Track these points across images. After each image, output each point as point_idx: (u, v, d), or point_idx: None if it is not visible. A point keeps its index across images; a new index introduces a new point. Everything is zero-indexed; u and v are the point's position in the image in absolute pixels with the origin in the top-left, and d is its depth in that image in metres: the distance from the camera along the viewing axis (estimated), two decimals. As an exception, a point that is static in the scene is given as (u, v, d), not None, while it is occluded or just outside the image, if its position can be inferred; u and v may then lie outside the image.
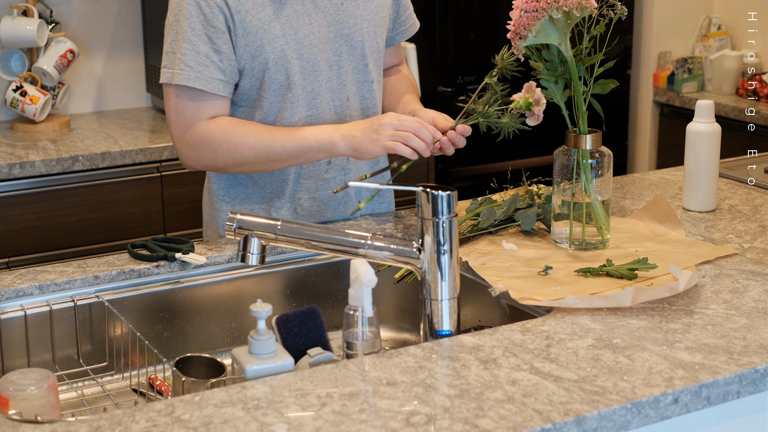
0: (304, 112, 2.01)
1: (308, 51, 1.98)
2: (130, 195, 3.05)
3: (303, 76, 1.99)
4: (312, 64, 1.99)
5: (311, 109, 2.01)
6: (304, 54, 1.98)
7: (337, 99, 2.04)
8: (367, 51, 2.06)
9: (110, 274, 1.83)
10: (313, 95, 2.01)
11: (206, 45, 1.92)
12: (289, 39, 1.95)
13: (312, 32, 1.98)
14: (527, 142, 3.84)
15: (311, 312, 1.59)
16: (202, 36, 1.92)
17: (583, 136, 1.84)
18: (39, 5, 3.31)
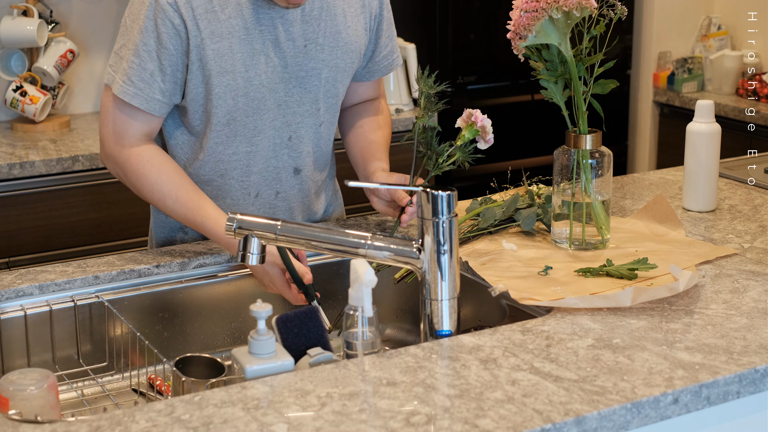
0: (243, 147, 1.97)
1: (256, 89, 1.93)
2: (130, 195, 3.00)
3: (246, 113, 1.94)
4: (257, 102, 1.94)
5: (251, 145, 1.97)
6: (250, 92, 1.92)
7: (279, 137, 1.99)
8: (321, 96, 2.01)
9: (110, 274, 1.83)
10: (255, 132, 1.97)
11: (153, 63, 1.87)
12: (238, 75, 1.90)
13: (265, 72, 1.92)
14: (527, 142, 3.85)
15: (311, 312, 1.59)
16: (152, 53, 1.87)
17: (583, 136, 1.84)
18: (39, 5, 3.31)
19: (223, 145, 1.96)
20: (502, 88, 3.85)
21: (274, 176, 2.02)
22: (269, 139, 1.98)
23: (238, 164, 1.98)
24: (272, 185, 2.02)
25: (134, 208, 3.05)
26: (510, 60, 1.98)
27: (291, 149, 2.01)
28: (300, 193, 2.07)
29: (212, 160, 1.97)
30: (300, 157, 2.03)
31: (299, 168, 2.04)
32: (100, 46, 3.52)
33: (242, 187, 2.00)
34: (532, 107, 3.87)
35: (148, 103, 1.89)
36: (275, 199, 2.04)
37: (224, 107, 1.92)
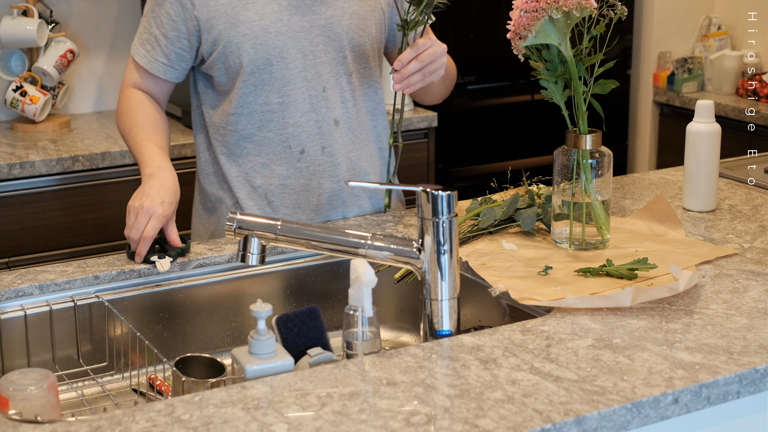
0: (275, 98, 2.04)
1: (274, 38, 2.00)
2: (130, 195, 3.01)
3: (268, 62, 2.01)
4: (279, 51, 2.01)
5: (282, 96, 2.04)
6: (269, 41, 2.00)
7: (312, 89, 2.05)
8: (346, 44, 2.07)
9: (110, 274, 1.83)
10: (284, 82, 2.03)
11: (157, 28, 2.04)
12: (253, 25, 1.99)
13: (280, 20, 2.00)
14: (527, 142, 3.85)
15: (311, 312, 1.59)
16: (157, 19, 2.03)
17: (583, 136, 1.84)
18: (39, 5, 3.31)
19: (253, 95, 2.04)
20: (502, 88, 3.85)
21: (316, 130, 2.07)
22: (302, 90, 2.05)
23: (273, 116, 2.05)
24: (316, 140, 2.08)
25: (134, 208, 3.05)
26: (510, 60, 1.98)
27: (327, 100, 2.07)
28: (345, 147, 2.11)
29: (246, 112, 2.05)
30: (337, 108, 2.09)
31: (338, 119, 2.09)
32: (100, 46, 3.52)
33: (282, 140, 2.06)
34: (532, 107, 3.87)
35: (152, 64, 2.07)
36: (321, 154, 2.08)
37: (246, 57, 2.00)
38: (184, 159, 3.09)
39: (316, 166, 2.08)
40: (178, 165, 3.08)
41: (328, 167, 2.09)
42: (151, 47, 2.05)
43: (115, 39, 3.54)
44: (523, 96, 3.86)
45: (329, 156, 2.09)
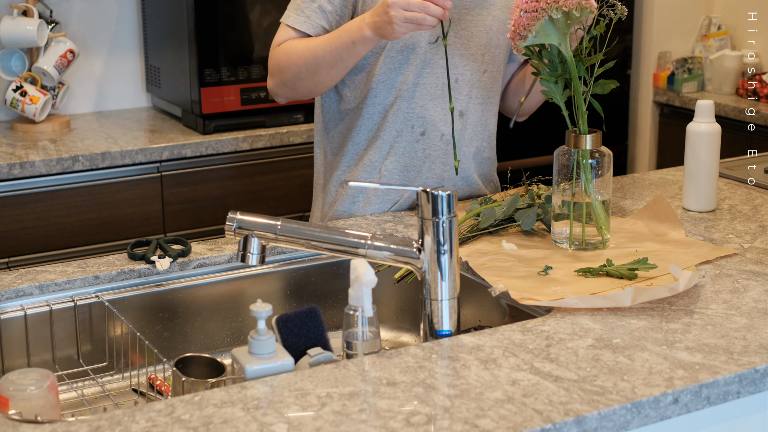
0: (411, 78, 2.11)
1: None
2: (130, 195, 3.05)
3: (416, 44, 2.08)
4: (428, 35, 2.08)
5: (419, 77, 2.11)
6: None
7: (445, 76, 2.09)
8: (484, 42, 2.15)
9: (110, 274, 1.83)
10: (424, 64, 2.10)
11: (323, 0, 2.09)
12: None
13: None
14: (527, 142, 3.85)
15: (311, 312, 1.59)
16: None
17: (583, 136, 1.84)
18: (39, 5, 3.31)
19: (396, 71, 2.11)
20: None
21: (441, 117, 2.13)
22: (437, 77, 2.12)
23: (406, 93, 2.12)
24: (438, 126, 2.14)
25: (134, 208, 3.05)
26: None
27: (457, 91, 2.14)
28: (462, 139, 2.17)
29: (384, 89, 2.13)
30: (464, 100, 2.15)
31: (464, 111, 2.16)
32: (100, 46, 3.52)
33: (407, 119, 2.14)
34: (532, 107, 3.86)
35: (314, 28, 2.09)
36: (440, 141, 2.15)
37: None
38: (183, 159, 3.09)
39: (431, 150, 2.16)
40: (177, 165, 3.09)
41: (441, 154, 2.17)
42: (313, 13, 2.09)
43: (115, 39, 3.54)
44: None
45: (446, 144, 2.16)
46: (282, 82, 2.12)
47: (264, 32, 3.24)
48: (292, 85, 2.11)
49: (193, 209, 3.11)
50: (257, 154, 3.20)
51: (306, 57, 2.06)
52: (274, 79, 2.13)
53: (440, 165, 2.17)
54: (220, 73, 3.19)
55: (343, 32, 2.01)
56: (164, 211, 3.09)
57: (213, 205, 3.14)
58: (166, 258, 1.85)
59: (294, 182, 3.25)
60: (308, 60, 2.06)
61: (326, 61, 2.04)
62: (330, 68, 2.05)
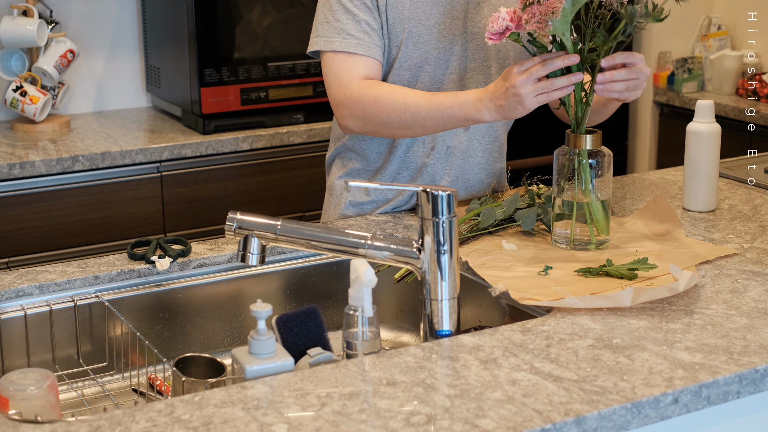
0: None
1: (437, 38, 2.06)
2: (130, 195, 3.05)
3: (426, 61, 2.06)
4: (438, 52, 2.06)
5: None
6: (431, 40, 2.06)
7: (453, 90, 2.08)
8: (492, 55, 2.11)
9: (110, 274, 1.83)
10: (433, 81, 2.08)
11: (366, 14, 2.03)
12: (420, 23, 2.04)
13: (444, 22, 2.06)
14: (527, 142, 3.85)
15: (311, 312, 1.59)
16: (361, 7, 2.02)
17: (583, 136, 1.84)
18: (39, 5, 3.31)
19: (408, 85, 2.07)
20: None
21: (449, 131, 2.11)
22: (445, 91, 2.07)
23: None
24: (445, 139, 2.13)
25: (134, 208, 3.05)
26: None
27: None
28: (468, 152, 2.16)
29: None
30: None
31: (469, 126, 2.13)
32: (100, 46, 3.52)
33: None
34: (532, 107, 3.86)
35: (371, 49, 2.03)
36: (445, 153, 2.14)
37: (407, 53, 2.05)
38: (184, 159, 3.09)
39: (440, 164, 2.14)
40: (177, 165, 3.09)
41: (447, 167, 2.15)
42: (365, 34, 2.02)
43: (115, 39, 3.54)
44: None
45: (450, 156, 2.14)
46: (364, 124, 2.02)
47: (264, 32, 3.24)
48: (375, 130, 2.03)
49: (193, 209, 3.11)
50: (257, 154, 3.20)
51: (403, 112, 1.97)
52: (356, 121, 2.02)
53: (446, 177, 2.15)
54: (220, 73, 3.19)
55: (455, 106, 1.92)
56: (164, 211, 3.09)
57: (213, 205, 3.14)
58: (166, 258, 1.85)
59: (294, 182, 3.25)
60: (405, 116, 1.97)
61: (426, 124, 1.96)
62: (428, 129, 1.98)
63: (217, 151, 3.13)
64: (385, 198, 2.17)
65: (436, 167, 2.14)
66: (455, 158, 2.15)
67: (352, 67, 2.02)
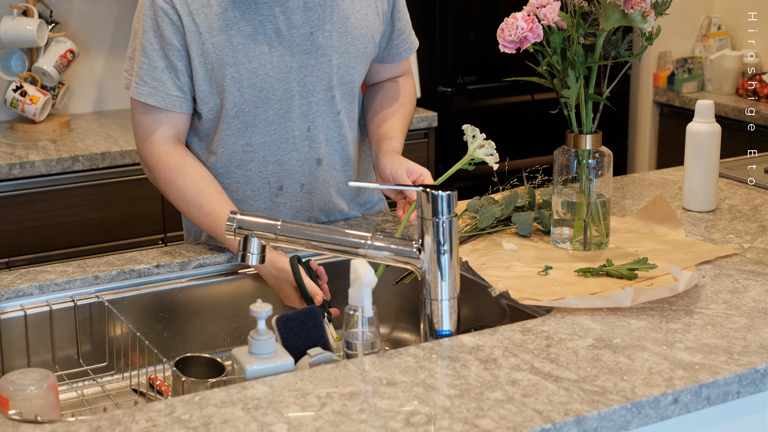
0: (257, 138, 1.97)
1: (262, 80, 1.92)
2: (130, 195, 3.05)
3: (254, 104, 1.94)
4: (265, 93, 1.94)
5: (265, 135, 1.97)
6: (257, 83, 1.92)
7: (296, 128, 1.99)
8: (335, 83, 1.99)
9: (110, 274, 1.83)
10: (267, 123, 1.96)
11: (162, 60, 1.91)
12: (241, 67, 1.91)
13: (270, 62, 1.92)
14: (527, 142, 3.85)
15: (311, 312, 1.59)
16: (159, 51, 1.91)
17: (583, 136, 1.84)
18: (39, 5, 3.31)
19: (235, 137, 1.97)
20: (502, 88, 3.85)
21: (297, 168, 2.01)
22: (286, 131, 1.98)
23: (255, 155, 1.99)
24: (296, 178, 2.02)
25: (134, 208, 3.05)
26: (510, 60, 1.98)
27: (311, 140, 2.01)
28: (325, 184, 2.05)
29: (227, 152, 1.99)
30: (321, 147, 2.02)
31: (321, 158, 2.03)
32: (100, 46, 3.52)
33: (261, 177, 2.01)
34: (532, 107, 3.87)
35: (165, 100, 1.92)
36: (300, 191, 2.03)
37: (231, 100, 1.93)
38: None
39: (293, 202, 2.04)
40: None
41: (306, 204, 2.05)
42: (158, 83, 1.91)
43: (115, 39, 3.54)
44: (523, 96, 3.86)
45: (308, 193, 2.04)
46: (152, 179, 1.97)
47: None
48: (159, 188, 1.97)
49: (193, 209, 3.11)
50: None
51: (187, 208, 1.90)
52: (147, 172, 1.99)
53: (306, 214, 2.06)
54: (220, 73, 3.18)
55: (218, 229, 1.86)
56: (164, 211, 3.09)
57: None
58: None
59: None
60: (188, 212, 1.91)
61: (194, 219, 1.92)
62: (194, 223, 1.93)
63: (217, 151, 3.12)
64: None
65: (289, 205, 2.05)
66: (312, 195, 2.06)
67: (152, 118, 1.93)
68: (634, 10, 1.73)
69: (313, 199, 2.05)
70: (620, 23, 1.75)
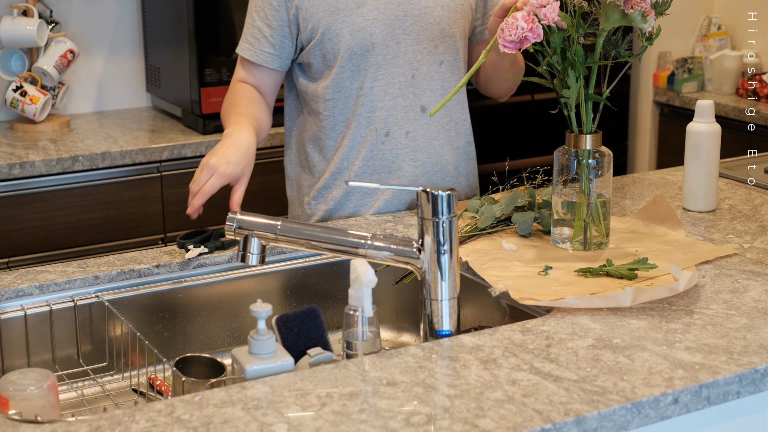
0: (367, 83, 2.11)
1: (371, 25, 2.08)
2: (130, 195, 3.05)
3: (365, 48, 2.09)
4: (374, 38, 2.08)
5: (374, 80, 2.11)
6: (366, 28, 2.08)
7: (402, 75, 2.12)
8: (437, 34, 2.13)
9: (110, 274, 1.83)
10: (377, 68, 2.10)
11: (261, 20, 2.13)
12: (351, 12, 2.07)
13: (376, 8, 2.08)
14: (527, 142, 3.85)
15: (311, 312, 1.59)
16: (260, 11, 2.12)
17: (583, 136, 1.84)
18: (39, 5, 3.31)
19: (349, 80, 2.12)
20: (502, 88, 3.84)
21: (403, 115, 2.14)
22: (393, 77, 2.12)
23: (365, 99, 2.13)
24: (401, 124, 2.15)
25: (134, 208, 3.05)
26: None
27: (415, 87, 2.14)
28: (429, 134, 2.17)
29: (342, 97, 2.13)
30: (425, 95, 2.15)
31: (425, 106, 2.15)
32: (100, 46, 3.52)
33: (369, 123, 2.14)
34: (532, 107, 3.86)
35: (257, 55, 2.14)
36: (405, 138, 2.15)
37: (344, 43, 2.09)
38: (183, 159, 3.09)
39: (399, 149, 2.15)
40: (177, 165, 3.09)
41: (411, 152, 2.16)
42: (255, 39, 2.13)
43: (115, 39, 3.54)
44: (523, 96, 3.86)
45: (413, 141, 2.16)
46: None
47: (264, 32, 3.24)
48: None
49: (193, 209, 3.11)
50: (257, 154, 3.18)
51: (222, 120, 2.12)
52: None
53: (411, 163, 2.16)
54: (220, 73, 3.19)
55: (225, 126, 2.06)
56: (164, 211, 3.09)
57: (213, 205, 3.13)
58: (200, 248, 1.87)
59: (294, 182, 3.25)
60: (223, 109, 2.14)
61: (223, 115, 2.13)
62: None
63: (217, 151, 3.12)
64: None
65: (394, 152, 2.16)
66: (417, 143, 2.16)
67: (238, 69, 2.20)
68: (634, 10, 1.73)
69: (418, 147, 2.16)
70: (620, 23, 1.75)
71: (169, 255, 1.91)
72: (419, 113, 2.15)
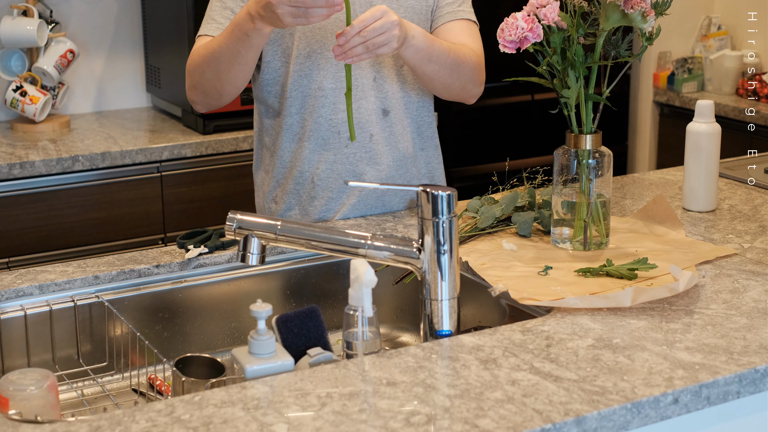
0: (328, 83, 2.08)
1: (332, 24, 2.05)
2: (130, 195, 3.05)
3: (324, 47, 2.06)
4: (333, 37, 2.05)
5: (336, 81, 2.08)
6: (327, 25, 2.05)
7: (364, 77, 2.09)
8: None
9: (110, 274, 1.83)
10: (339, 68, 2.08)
11: (228, 8, 2.08)
12: None
13: None
14: (527, 142, 3.85)
15: (311, 312, 1.59)
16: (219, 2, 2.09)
17: (583, 136, 1.84)
18: (39, 5, 3.31)
19: (308, 78, 2.10)
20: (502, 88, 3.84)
21: (365, 118, 2.11)
22: (355, 78, 2.08)
23: (326, 101, 2.09)
24: (365, 128, 2.12)
25: (134, 208, 3.05)
26: (510, 60, 1.98)
27: (377, 90, 2.12)
28: (392, 137, 2.14)
29: (300, 95, 2.10)
30: (387, 98, 2.13)
31: (387, 109, 2.13)
32: (100, 46, 3.52)
33: (331, 126, 2.11)
34: (532, 107, 3.86)
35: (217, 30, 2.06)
36: (369, 142, 2.13)
37: (302, 40, 2.07)
38: (183, 159, 3.09)
39: (362, 153, 2.13)
40: (177, 165, 3.09)
41: (374, 155, 2.14)
42: (225, 20, 2.07)
43: (115, 39, 3.54)
44: (523, 96, 3.86)
45: (376, 144, 2.13)
46: (192, 85, 2.08)
47: (264, 32, 3.24)
48: (201, 88, 2.07)
49: (193, 209, 3.11)
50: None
51: (207, 56, 2.01)
52: (187, 84, 2.10)
53: (374, 167, 2.13)
54: (220, 73, 3.19)
55: (235, 26, 1.94)
56: (164, 211, 3.09)
57: (213, 205, 3.14)
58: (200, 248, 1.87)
59: (294, 182, 3.24)
60: (209, 58, 2.01)
61: (225, 57, 1.98)
62: (231, 64, 1.99)
63: (217, 151, 3.13)
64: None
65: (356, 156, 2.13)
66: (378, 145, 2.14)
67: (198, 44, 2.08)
68: (634, 10, 1.73)
69: (381, 151, 2.14)
70: (620, 23, 1.75)
71: (169, 255, 1.91)
72: (382, 116, 2.13)
